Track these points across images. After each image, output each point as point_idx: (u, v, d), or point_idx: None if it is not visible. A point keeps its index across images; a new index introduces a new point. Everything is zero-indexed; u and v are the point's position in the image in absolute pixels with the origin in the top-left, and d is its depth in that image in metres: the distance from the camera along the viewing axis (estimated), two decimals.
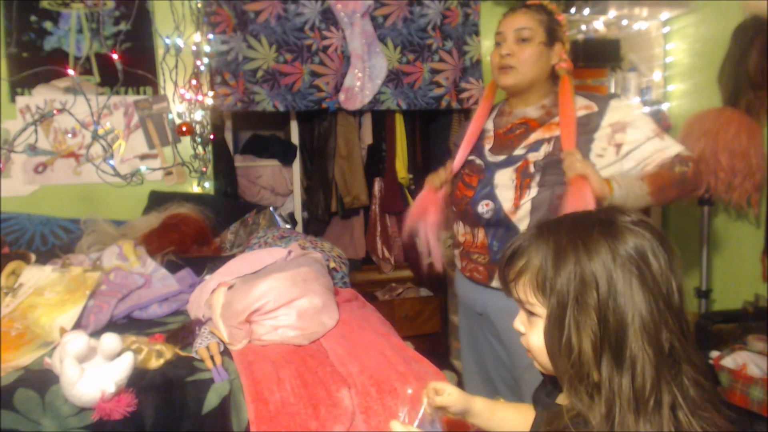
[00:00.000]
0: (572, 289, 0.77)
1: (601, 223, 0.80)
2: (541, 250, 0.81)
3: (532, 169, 1.58)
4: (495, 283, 1.65)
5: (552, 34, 1.62)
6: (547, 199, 1.56)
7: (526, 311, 0.86)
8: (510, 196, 1.59)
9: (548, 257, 0.80)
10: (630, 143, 1.57)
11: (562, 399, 0.88)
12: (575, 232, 0.80)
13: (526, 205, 1.57)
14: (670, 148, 1.57)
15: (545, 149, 1.59)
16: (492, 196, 1.62)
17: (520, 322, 0.88)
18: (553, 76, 1.67)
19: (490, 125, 1.75)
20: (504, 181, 1.61)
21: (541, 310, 0.82)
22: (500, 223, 1.61)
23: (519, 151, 1.62)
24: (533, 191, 1.57)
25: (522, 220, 1.58)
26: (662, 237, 0.79)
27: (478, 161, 1.70)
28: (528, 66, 1.61)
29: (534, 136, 1.63)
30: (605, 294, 0.76)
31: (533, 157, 1.59)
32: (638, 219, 0.81)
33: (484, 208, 1.63)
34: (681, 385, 0.76)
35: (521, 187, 1.58)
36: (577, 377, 0.77)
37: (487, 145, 1.71)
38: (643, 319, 0.74)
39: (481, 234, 1.66)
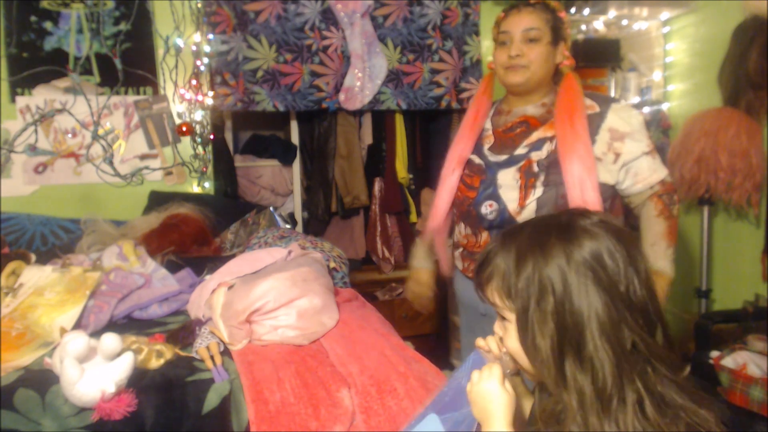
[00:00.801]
0: (531, 292, 0.80)
1: (559, 228, 0.83)
2: (505, 255, 0.85)
3: (535, 168, 1.57)
4: None
5: (557, 33, 1.62)
6: (552, 198, 1.55)
7: (499, 315, 0.89)
8: (514, 196, 1.58)
9: (511, 262, 0.83)
10: (627, 154, 1.57)
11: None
12: (534, 237, 0.83)
13: (531, 205, 1.56)
14: (658, 171, 1.61)
15: (548, 148, 1.58)
16: (496, 197, 1.60)
17: (497, 326, 0.91)
18: (555, 75, 1.67)
19: (488, 124, 1.73)
20: (507, 181, 1.60)
21: (510, 314, 0.85)
22: (504, 223, 1.59)
23: (521, 150, 1.61)
24: (538, 191, 1.56)
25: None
26: (622, 236, 0.82)
27: (478, 161, 1.68)
28: (537, 65, 1.59)
29: (536, 135, 1.61)
30: (561, 297, 0.78)
31: (536, 156, 1.58)
32: (598, 220, 0.83)
33: (487, 209, 1.61)
34: (648, 382, 0.77)
35: (526, 187, 1.57)
36: (548, 377, 0.80)
37: (486, 144, 1.69)
38: (599, 320, 0.77)
39: (484, 235, 1.65)
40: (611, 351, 0.76)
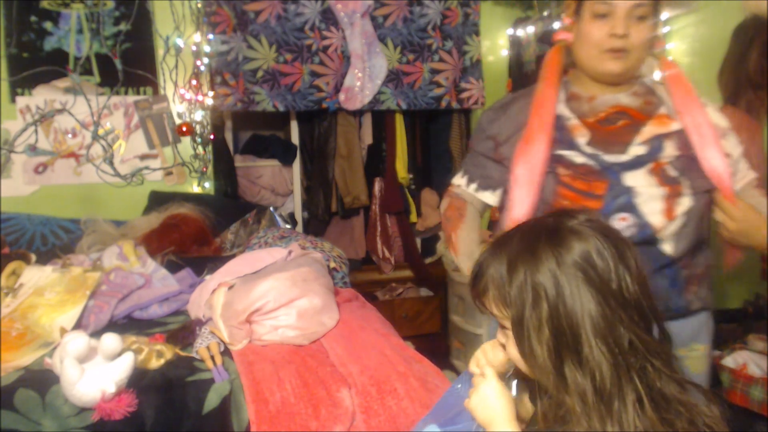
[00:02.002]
0: (525, 298, 0.80)
1: (547, 231, 0.83)
2: (497, 264, 0.85)
3: (672, 172, 1.27)
4: None
5: (658, 12, 1.31)
6: (698, 210, 1.28)
7: (501, 324, 0.88)
8: (657, 207, 1.25)
9: (503, 270, 0.83)
10: (732, 151, 1.36)
11: None
12: (524, 242, 0.83)
13: (679, 219, 1.25)
14: (749, 169, 1.39)
15: (671, 148, 1.29)
16: (631, 208, 1.25)
17: (499, 334, 0.91)
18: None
19: (565, 111, 1.37)
20: (643, 187, 1.26)
21: (508, 323, 0.85)
22: (644, 242, 1.24)
23: (639, 149, 1.29)
24: (686, 201, 1.26)
25: (672, 239, 1.25)
26: (609, 234, 0.82)
27: (580, 159, 1.30)
28: (640, 52, 1.28)
29: (648, 131, 1.31)
30: (554, 300, 0.78)
31: (665, 157, 1.29)
32: (585, 219, 0.84)
33: (620, 223, 1.24)
34: (647, 379, 0.77)
35: (671, 197, 1.25)
36: (548, 381, 0.80)
37: (581, 138, 1.32)
38: (593, 320, 0.77)
39: None
40: (608, 350, 0.76)
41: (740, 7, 2.59)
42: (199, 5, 2.76)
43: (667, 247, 1.26)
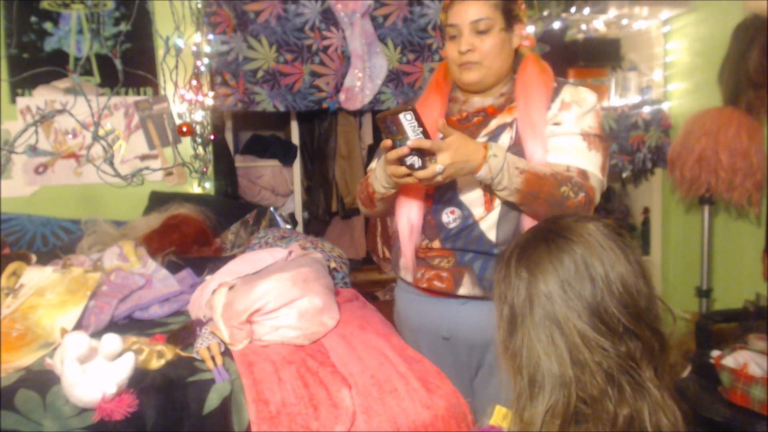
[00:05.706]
0: (500, 298, 0.93)
1: (523, 242, 0.94)
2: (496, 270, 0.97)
3: None
4: (464, 289, 1.49)
5: (509, 16, 1.45)
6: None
7: None
8: (478, 199, 1.46)
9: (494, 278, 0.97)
10: (563, 125, 1.43)
11: None
12: (507, 253, 0.95)
13: (497, 210, 1.45)
14: (583, 163, 1.41)
15: (508, 135, 1.45)
16: (457, 203, 1.48)
17: None
18: (515, 59, 1.53)
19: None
20: (463, 180, 1.45)
21: None
22: (467, 230, 1.48)
23: (479, 141, 1.43)
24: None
25: (494, 227, 1.46)
26: (576, 239, 0.88)
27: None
28: (491, 59, 1.44)
29: (495, 122, 1.48)
30: (511, 301, 0.90)
31: None
32: (573, 220, 0.91)
33: (449, 216, 1.49)
34: (583, 377, 0.83)
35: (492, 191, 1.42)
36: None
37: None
38: (537, 316, 0.86)
39: (436, 242, 1.52)
40: (542, 348, 0.84)
41: (740, 6, 2.59)
42: (199, 5, 2.76)
43: (491, 235, 1.45)
